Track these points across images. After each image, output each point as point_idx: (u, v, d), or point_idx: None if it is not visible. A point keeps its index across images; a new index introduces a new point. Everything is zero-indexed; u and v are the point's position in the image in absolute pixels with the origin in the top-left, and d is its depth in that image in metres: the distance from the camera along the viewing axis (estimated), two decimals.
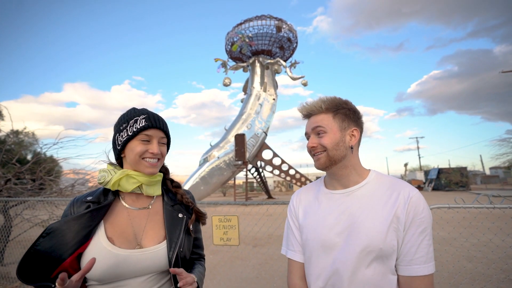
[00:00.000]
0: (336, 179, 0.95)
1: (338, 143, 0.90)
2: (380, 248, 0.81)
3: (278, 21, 22.51)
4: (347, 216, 0.88)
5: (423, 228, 0.81)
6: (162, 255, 0.85)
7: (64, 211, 0.90)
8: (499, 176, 43.82)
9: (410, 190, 0.85)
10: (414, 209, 0.82)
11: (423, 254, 0.80)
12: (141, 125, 0.88)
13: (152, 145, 0.90)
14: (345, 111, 0.92)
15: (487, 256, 4.18)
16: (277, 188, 39.77)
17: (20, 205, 5.32)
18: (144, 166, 0.89)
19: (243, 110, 21.73)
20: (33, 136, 15.89)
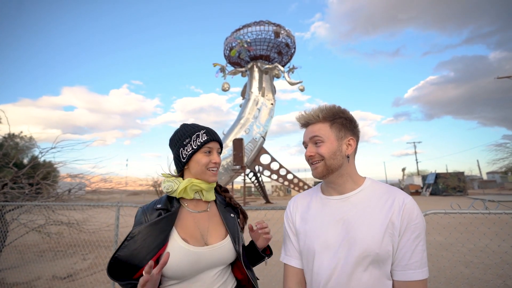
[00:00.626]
0: (332, 187, 0.97)
1: (335, 152, 0.92)
2: (376, 253, 0.83)
3: (276, 27, 22.79)
4: (343, 222, 0.90)
5: (417, 234, 0.83)
6: (228, 250, 0.99)
7: (137, 219, 0.97)
8: (496, 181, 44.07)
9: (405, 197, 0.88)
10: (408, 215, 0.84)
11: (417, 259, 0.82)
12: (204, 139, 1.00)
13: (214, 155, 1.02)
14: (342, 120, 0.94)
15: (483, 262, 4.21)
16: (275, 193, 39.64)
17: (16, 210, 5.27)
18: (208, 175, 1.01)
19: (241, 114, 21.80)
20: (30, 140, 15.79)
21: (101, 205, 3.52)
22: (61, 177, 7.94)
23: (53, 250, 5.87)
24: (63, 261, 5.14)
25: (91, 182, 6.85)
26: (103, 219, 6.95)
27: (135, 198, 34.35)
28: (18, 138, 15.78)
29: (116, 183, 7.29)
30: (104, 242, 6.38)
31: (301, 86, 23.83)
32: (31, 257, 5.31)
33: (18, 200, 5.42)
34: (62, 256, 5.44)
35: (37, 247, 6.15)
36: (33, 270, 4.47)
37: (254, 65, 23.42)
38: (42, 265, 4.78)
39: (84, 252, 5.72)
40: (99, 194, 7.37)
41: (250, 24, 22.94)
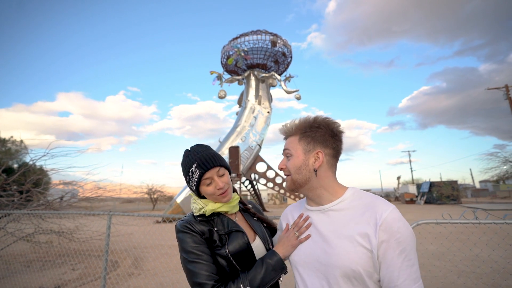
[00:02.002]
0: (310, 199, 0.97)
1: (300, 167, 0.90)
2: (352, 269, 0.79)
3: (273, 36, 23.23)
4: (321, 236, 0.89)
5: (401, 249, 0.77)
6: (261, 249, 1.07)
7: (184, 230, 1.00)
8: (488, 190, 44.63)
9: (384, 210, 0.81)
10: (388, 229, 0.78)
11: (406, 277, 0.75)
12: (197, 175, 1.03)
13: (215, 182, 1.04)
14: (312, 133, 0.91)
15: (474, 271, 4.23)
16: (271, 201, 39.39)
17: (4, 218, 5.15)
18: (219, 198, 1.05)
19: (237, 122, 21.88)
20: (21, 145, 15.51)
21: (92, 213, 3.47)
22: (53, 184, 7.81)
23: (41, 260, 5.70)
24: (51, 271, 5.00)
25: (84, 189, 6.75)
26: (95, 227, 6.82)
27: (129, 206, 33.75)
28: (9, 143, 15.50)
29: (109, 190, 7.19)
30: (95, 251, 6.24)
31: (298, 95, 24.12)
32: (17, 268, 5.15)
33: (6, 208, 5.30)
34: (51, 266, 5.29)
35: (25, 257, 5.97)
36: (19, 281, 4.33)
37: (251, 73, 23.70)
38: (29, 276, 4.63)
39: (74, 262, 5.58)
40: (92, 202, 7.25)
41: (247, 33, 23.34)
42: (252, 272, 0.93)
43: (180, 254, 0.99)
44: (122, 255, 6.09)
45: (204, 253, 0.96)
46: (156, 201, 30.99)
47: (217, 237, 1.01)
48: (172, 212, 16.42)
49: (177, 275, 4.62)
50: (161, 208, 28.03)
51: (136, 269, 5.12)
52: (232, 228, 1.04)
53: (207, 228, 1.02)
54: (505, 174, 24.39)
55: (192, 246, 0.97)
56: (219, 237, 1.01)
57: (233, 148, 18.07)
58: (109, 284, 4.17)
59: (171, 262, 5.50)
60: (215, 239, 1.00)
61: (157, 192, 31.19)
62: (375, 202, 0.85)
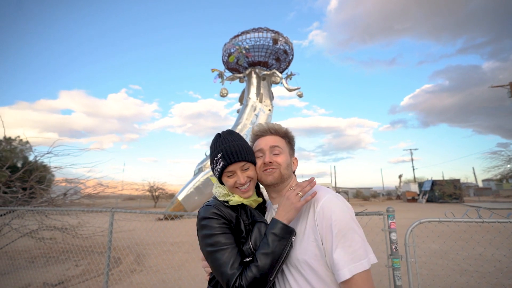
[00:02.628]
0: (273, 197, 1.09)
1: (288, 164, 1.04)
2: (305, 259, 0.86)
3: (275, 34, 23.11)
4: None
5: (336, 232, 0.81)
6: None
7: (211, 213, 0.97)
8: (491, 188, 44.40)
9: (323, 199, 0.88)
10: (324, 216, 0.85)
11: (340, 257, 0.79)
12: (221, 166, 1.00)
13: (237, 176, 1.01)
14: (291, 141, 1.10)
15: (477, 270, 4.21)
16: None
17: (8, 214, 5.20)
18: (239, 193, 1.03)
19: (239, 120, 21.87)
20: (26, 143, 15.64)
21: (95, 210, 3.49)
22: (56, 181, 7.86)
23: (45, 256, 5.76)
24: (55, 267, 5.05)
25: (86, 186, 6.79)
26: (98, 224, 6.87)
27: (130, 203, 33.97)
28: (15, 141, 15.65)
29: (111, 187, 7.23)
30: (98, 247, 6.29)
31: (300, 92, 24.04)
32: (22, 263, 5.20)
33: (10, 204, 5.35)
34: (54, 262, 5.34)
35: (29, 253, 6.04)
36: (23, 277, 4.38)
37: (252, 71, 23.63)
38: (33, 272, 4.68)
39: (77, 258, 5.63)
40: (94, 199, 7.29)
41: (248, 31, 23.23)
42: (260, 253, 0.86)
43: (204, 241, 0.93)
44: (125, 252, 6.13)
45: (232, 241, 0.92)
46: (158, 198, 31.16)
47: (243, 228, 0.99)
48: (174, 209, 16.49)
49: (179, 272, 4.65)
50: (163, 205, 28.18)
51: (138, 266, 5.16)
52: (255, 217, 1.03)
53: (235, 215, 0.99)
54: (508, 172, 24.25)
55: (219, 233, 0.92)
56: (245, 227, 1.00)
57: None
58: (112, 280, 4.20)
59: (173, 259, 5.54)
60: (242, 229, 0.98)
61: (159, 190, 31.35)
62: (318, 192, 0.93)
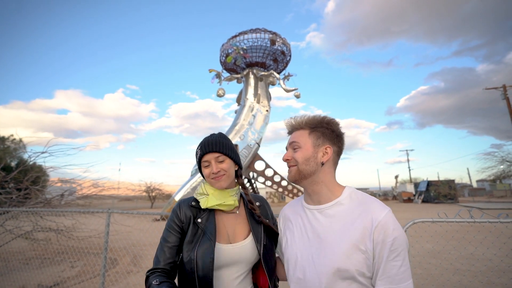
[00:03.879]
0: (308, 195, 0.99)
1: (309, 158, 0.94)
2: (346, 269, 0.82)
3: (272, 35, 23.17)
4: (317, 235, 0.91)
5: (393, 250, 0.80)
6: (249, 249, 1.06)
7: (173, 209, 1.12)
8: (485, 189, 44.98)
9: (380, 212, 0.84)
10: (383, 232, 0.81)
11: (392, 274, 0.79)
12: (198, 155, 1.12)
13: (211, 166, 1.10)
14: (322, 129, 0.96)
15: (469, 269, 4.29)
16: (269, 199, 39.51)
17: (2, 216, 5.15)
18: (213, 183, 1.11)
19: (236, 121, 21.87)
20: (20, 143, 15.45)
21: (91, 211, 3.49)
22: (51, 181, 7.80)
23: (39, 258, 5.72)
24: (50, 269, 5.01)
25: (82, 187, 6.75)
26: (93, 225, 6.83)
27: (127, 204, 33.72)
28: (9, 141, 15.43)
29: (108, 188, 7.19)
30: (94, 249, 6.25)
31: (297, 93, 24.12)
32: (16, 265, 5.16)
33: (4, 205, 5.30)
34: (49, 264, 5.31)
35: (23, 254, 5.98)
36: (17, 279, 4.35)
37: (249, 71, 23.66)
38: (28, 273, 4.65)
39: (73, 259, 5.59)
40: (91, 199, 7.25)
41: (246, 32, 23.26)
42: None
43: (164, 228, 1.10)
44: (121, 253, 6.11)
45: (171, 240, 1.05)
46: (154, 199, 30.99)
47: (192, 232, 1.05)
48: (170, 210, 16.44)
49: None
50: (159, 206, 28.04)
51: (135, 267, 5.14)
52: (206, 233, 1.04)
53: (191, 216, 1.08)
54: (502, 173, 24.59)
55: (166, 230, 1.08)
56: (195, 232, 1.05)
57: None
58: (108, 282, 4.19)
59: None
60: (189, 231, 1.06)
61: (156, 190, 31.19)
62: (370, 204, 0.89)
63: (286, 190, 21.00)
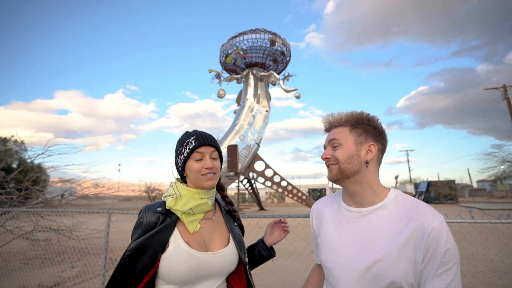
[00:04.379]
0: (349, 195, 0.91)
1: (351, 156, 0.86)
2: (392, 279, 0.76)
3: (272, 35, 23.19)
4: (359, 240, 0.85)
5: (443, 262, 0.74)
6: (230, 257, 0.97)
7: (138, 217, 0.97)
8: (486, 189, 44.95)
9: (433, 219, 0.77)
10: (435, 242, 0.74)
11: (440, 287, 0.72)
12: (192, 145, 0.98)
13: (206, 160, 0.98)
14: (364, 126, 0.90)
15: (470, 270, 4.28)
16: (269, 200, 39.49)
17: (3, 216, 5.15)
18: (203, 180, 0.98)
19: (236, 121, 21.88)
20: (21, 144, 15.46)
21: (91, 211, 3.49)
22: (52, 181, 7.80)
23: (40, 258, 5.71)
24: (50, 269, 5.01)
25: (82, 187, 6.75)
26: (94, 225, 6.83)
27: (127, 204, 33.72)
28: (9, 142, 15.44)
29: (108, 188, 7.19)
30: (94, 249, 6.25)
31: (297, 93, 24.13)
32: (16, 265, 5.16)
33: (5, 206, 5.30)
34: (49, 264, 5.30)
35: (23, 254, 5.98)
36: (18, 279, 4.34)
37: (249, 72, 23.67)
38: (28, 273, 4.65)
39: (73, 259, 5.59)
40: (90, 200, 7.25)
41: (246, 32, 23.28)
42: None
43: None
44: (121, 253, 6.10)
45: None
46: (154, 199, 31.00)
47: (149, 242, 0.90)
48: None
49: None
50: None
51: None
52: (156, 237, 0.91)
53: (155, 223, 0.94)
54: (502, 173, 24.60)
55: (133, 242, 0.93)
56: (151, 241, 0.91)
57: (231, 147, 18.08)
58: None
59: None
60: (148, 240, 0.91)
61: (155, 190, 31.21)
62: (420, 209, 0.81)
63: (286, 191, 20.99)
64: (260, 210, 21.80)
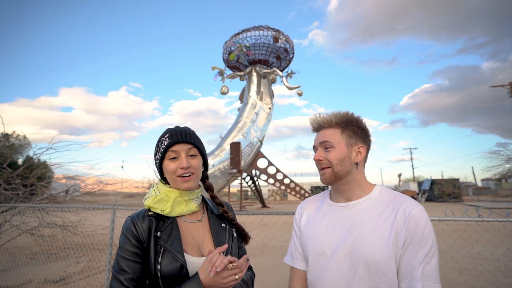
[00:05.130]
0: (339, 193, 0.96)
1: (343, 159, 0.90)
2: (379, 263, 0.81)
3: (275, 32, 23.03)
4: (348, 229, 0.88)
5: (422, 246, 0.79)
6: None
7: (126, 227, 0.88)
8: (490, 188, 44.54)
9: (413, 206, 0.84)
10: (415, 226, 0.80)
11: (423, 272, 0.77)
12: (166, 144, 0.91)
13: (181, 159, 0.90)
14: (354, 128, 0.93)
15: (476, 269, 4.24)
16: (271, 197, 39.56)
17: (9, 211, 5.21)
18: (179, 182, 0.91)
19: (239, 118, 21.86)
20: (25, 139, 15.63)
21: (96, 207, 3.50)
22: (56, 178, 7.87)
23: (45, 253, 5.78)
24: (56, 264, 5.07)
25: (86, 184, 6.80)
26: (98, 221, 6.88)
27: (130, 200, 33.98)
28: (12, 138, 15.60)
29: (111, 184, 7.24)
30: (99, 245, 6.30)
31: (300, 91, 24.02)
32: (22, 260, 5.22)
33: (11, 201, 5.36)
34: (55, 259, 5.36)
35: (29, 249, 6.05)
36: (24, 273, 4.40)
37: (252, 69, 23.59)
38: (34, 268, 4.70)
39: (78, 255, 5.65)
40: (94, 196, 7.30)
41: (249, 29, 23.16)
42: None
43: (116, 257, 0.86)
44: None
45: (131, 271, 0.83)
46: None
47: (153, 247, 0.85)
48: None
49: None
50: None
51: None
52: (171, 243, 0.86)
53: (147, 227, 0.87)
54: (507, 172, 24.39)
55: (125, 258, 0.84)
56: (156, 248, 0.85)
57: (234, 144, 18.10)
58: None
59: None
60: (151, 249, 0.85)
61: None
62: (401, 198, 0.88)
63: (289, 188, 20.99)
64: (262, 208, 21.85)
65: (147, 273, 0.85)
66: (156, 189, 0.94)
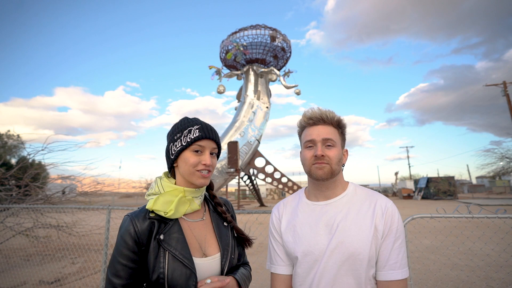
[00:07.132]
0: (321, 191, 0.98)
1: (340, 159, 0.96)
2: (363, 256, 0.86)
3: (273, 31, 23.00)
4: (331, 227, 0.92)
5: (397, 236, 0.89)
6: (216, 263, 0.89)
7: (125, 228, 0.85)
8: (485, 185, 45.07)
9: (386, 202, 0.93)
10: (390, 219, 0.90)
11: (398, 260, 0.87)
12: (195, 136, 0.88)
13: (205, 156, 0.89)
14: (344, 131, 1.00)
15: (467, 264, 4.33)
16: (269, 196, 39.62)
17: (2, 213, 5.17)
18: (197, 177, 0.89)
19: (236, 117, 21.83)
20: (18, 139, 15.44)
21: (91, 208, 3.50)
22: (51, 178, 7.81)
23: (40, 254, 5.75)
24: (51, 265, 5.05)
25: (82, 184, 6.76)
26: (94, 222, 6.86)
27: (127, 201, 33.82)
28: (6, 137, 15.40)
29: (108, 185, 7.21)
30: (94, 245, 6.28)
31: (297, 90, 24.04)
32: (17, 261, 5.19)
33: (5, 202, 5.32)
34: (50, 260, 5.34)
35: (24, 251, 6.01)
36: (19, 275, 4.38)
37: (249, 68, 23.54)
38: (29, 270, 4.68)
39: (73, 256, 5.63)
40: (91, 196, 7.26)
41: (246, 28, 23.09)
42: None
43: (111, 260, 0.84)
44: None
45: (128, 276, 0.81)
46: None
47: (154, 251, 0.82)
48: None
49: None
50: None
51: None
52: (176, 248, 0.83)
53: (148, 229, 0.84)
54: (501, 170, 24.69)
55: (120, 264, 0.81)
56: (156, 252, 0.82)
57: (231, 143, 18.08)
58: None
59: None
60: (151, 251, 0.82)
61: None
62: (375, 194, 0.97)
63: (286, 187, 21.04)
64: (260, 207, 21.89)
65: (146, 276, 0.83)
66: (160, 185, 0.91)
